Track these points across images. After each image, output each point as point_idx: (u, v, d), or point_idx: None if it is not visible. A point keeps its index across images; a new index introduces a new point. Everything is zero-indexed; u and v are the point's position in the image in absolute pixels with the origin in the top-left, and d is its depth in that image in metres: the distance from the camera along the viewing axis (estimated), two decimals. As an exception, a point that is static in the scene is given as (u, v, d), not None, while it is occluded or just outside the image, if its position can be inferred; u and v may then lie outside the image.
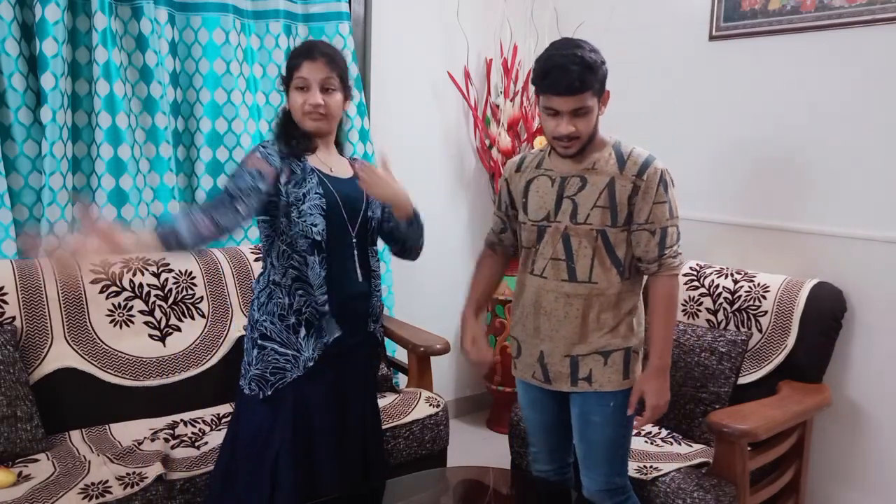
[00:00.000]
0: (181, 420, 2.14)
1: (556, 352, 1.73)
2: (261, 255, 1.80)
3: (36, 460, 1.88)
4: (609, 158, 1.67)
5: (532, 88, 1.72)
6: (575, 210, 1.67)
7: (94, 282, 2.18)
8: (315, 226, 1.63)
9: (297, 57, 1.67)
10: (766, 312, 2.26)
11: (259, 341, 1.65)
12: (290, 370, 1.64)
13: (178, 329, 2.30)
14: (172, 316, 2.30)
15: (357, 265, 1.72)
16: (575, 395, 1.77)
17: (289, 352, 1.63)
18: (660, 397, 1.69)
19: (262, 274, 1.72)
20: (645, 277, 1.76)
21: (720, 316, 2.35)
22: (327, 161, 1.73)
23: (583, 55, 1.55)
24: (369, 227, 1.76)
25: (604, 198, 1.65)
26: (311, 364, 1.63)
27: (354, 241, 1.71)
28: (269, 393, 1.63)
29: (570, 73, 1.53)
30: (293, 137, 1.67)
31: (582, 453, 1.80)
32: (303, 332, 1.63)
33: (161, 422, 2.13)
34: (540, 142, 2.91)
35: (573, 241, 1.68)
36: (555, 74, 1.55)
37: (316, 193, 1.64)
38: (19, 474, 1.79)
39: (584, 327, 1.70)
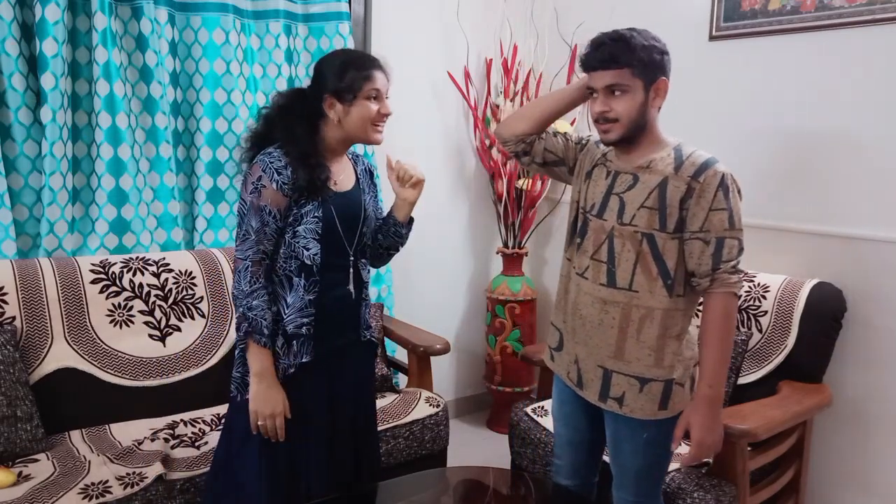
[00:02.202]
0: (181, 420, 2.14)
1: (589, 359, 1.64)
2: None
3: (36, 460, 1.88)
4: (667, 158, 1.55)
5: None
6: (622, 209, 1.56)
7: (94, 282, 2.18)
8: (308, 249, 1.58)
9: (365, 67, 1.59)
10: (766, 312, 2.26)
11: (242, 344, 1.62)
12: None
13: (178, 329, 2.30)
14: (172, 316, 2.30)
15: (351, 283, 1.69)
16: (607, 414, 1.67)
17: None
18: (707, 432, 1.51)
19: None
20: (700, 299, 1.61)
21: (720, 316, 2.35)
22: (335, 171, 1.66)
23: (622, 33, 1.51)
24: (364, 241, 1.73)
25: (653, 198, 1.52)
26: (291, 371, 1.61)
27: (352, 258, 1.68)
28: (248, 396, 1.61)
29: (603, 46, 1.51)
30: (317, 179, 1.57)
31: (614, 471, 1.73)
32: (280, 341, 1.61)
33: (161, 422, 2.13)
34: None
35: (617, 242, 1.56)
36: (590, 50, 1.54)
37: (314, 217, 1.58)
38: (19, 474, 1.79)
39: (622, 340, 1.57)
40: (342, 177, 1.69)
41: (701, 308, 1.59)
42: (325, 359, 1.65)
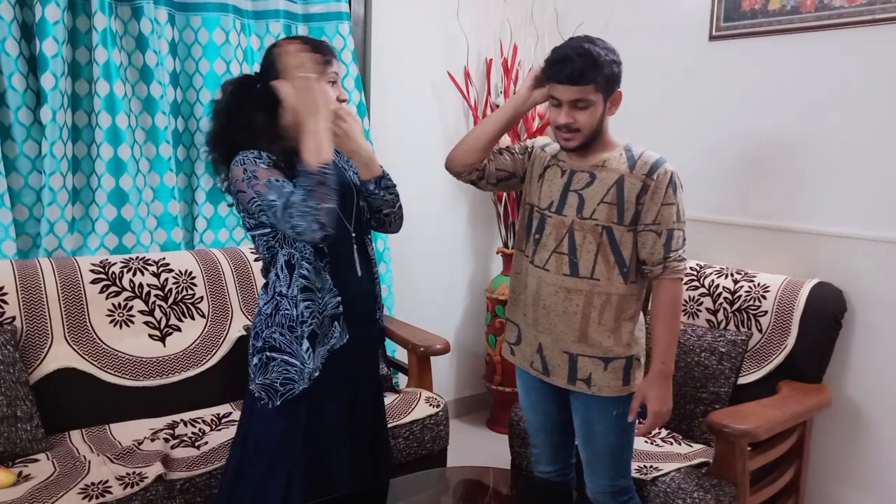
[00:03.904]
0: (181, 420, 2.14)
1: (554, 346, 1.73)
2: (260, 258, 1.78)
3: (36, 460, 1.88)
4: (619, 158, 1.68)
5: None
6: (581, 204, 1.68)
7: (94, 282, 2.18)
8: None
9: (325, 53, 1.60)
10: (766, 312, 2.26)
11: (268, 353, 1.62)
12: (297, 381, 1.61)
13: (178, 329, 2.30)
14: (172, 316, 2.30)
15: (357, 259, 1.69)
16: (576, 400, 1.77)
17: (297, 363, 1.60)
18: (662, 403, 1.68)
19: (266, 286, 1.66)
20: (647, 284, 1.74)
21: (720, 316, 2.35)
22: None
23: (589, 49, 1.58)
24: (363, 216, 1.74)
25: (611, 194, 1.65)
26: (316, 374, 1.60)
27: (353, 234, 1.69)
28: (279, 403, 1.61)
29: (572, 62, 1.57)
30: (290, 152, 1.55)
31: (586, 458, 1.80)
32: (305, 344, 1.59)
33: (161, 422, 2.13)
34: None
35: (577, 235, 1.68)
36: (558, 63, 1.59)
37: None
38: (19, 474, 1.79)
39: (585, 325, 1.69)
40: None
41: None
42: (347, 354, 1.64)
